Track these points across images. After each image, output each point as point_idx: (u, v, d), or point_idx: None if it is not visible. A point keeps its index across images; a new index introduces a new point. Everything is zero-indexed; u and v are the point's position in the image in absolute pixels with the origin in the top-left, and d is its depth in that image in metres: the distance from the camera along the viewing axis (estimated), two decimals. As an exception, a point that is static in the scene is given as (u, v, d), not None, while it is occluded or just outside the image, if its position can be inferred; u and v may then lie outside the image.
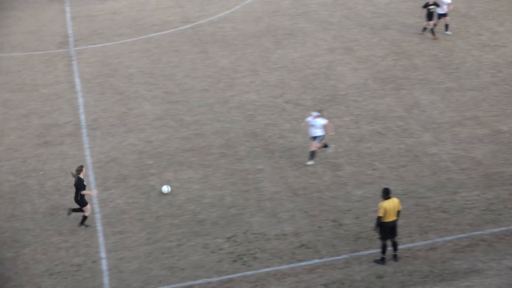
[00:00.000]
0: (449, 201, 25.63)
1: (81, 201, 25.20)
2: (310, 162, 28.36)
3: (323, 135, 28.15)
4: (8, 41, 43.37)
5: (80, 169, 25.17)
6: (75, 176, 25.12)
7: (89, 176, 28.56)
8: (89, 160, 29.81)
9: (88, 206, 25.49)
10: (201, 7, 47.34)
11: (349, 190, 26.67)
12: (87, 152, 30.48)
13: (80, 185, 24.95)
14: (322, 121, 27.95)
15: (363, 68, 36.57)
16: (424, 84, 34.40)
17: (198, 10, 46.80)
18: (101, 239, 25.00)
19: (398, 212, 22.56)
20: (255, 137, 30.77)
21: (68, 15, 47.55)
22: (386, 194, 22.42)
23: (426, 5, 39.02)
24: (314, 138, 28.11)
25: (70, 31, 44.34)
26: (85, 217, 25.54)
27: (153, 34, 43.07)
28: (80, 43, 42.28)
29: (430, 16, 39.11)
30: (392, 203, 22.34)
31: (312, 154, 28.32)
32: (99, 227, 25.59)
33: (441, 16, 39.61)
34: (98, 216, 26.16)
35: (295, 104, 33.39)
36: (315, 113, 28.10)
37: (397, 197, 23.29)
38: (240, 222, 25.38)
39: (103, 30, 44.31)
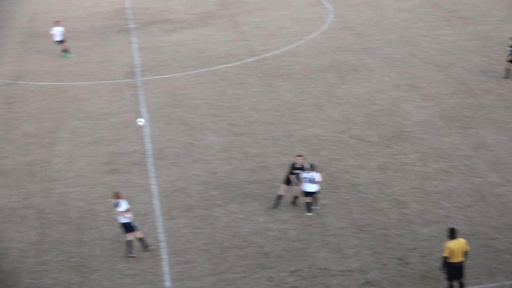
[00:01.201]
0: (518, 243, 25.37)
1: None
2: (309, 214, 27.93)
3: (317, 191, 27.97)
4: (77, 70, 44.28)
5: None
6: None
7: (155, 205, 28.91)
8: (155, 189, 30.16)
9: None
10: (265, 40, 47.78)
11: (415, 229, 26.52)
12: (153, 181, 30.86)
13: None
14: (316, 175, 27.76)
15: (429, 105, 36.46)
16: (491, 123, 34.15)
17: (263, 43, 47.23)
18: (166, 268, 25.23)
19: (465, 253, 22.38)
20: (320, 171, 30.72)
21: (135, 46, 48.39)
22: (452, 234, 22.28)
23: None
24: (307, 193, 27.83)
25: (137, 62, 45.10)
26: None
27: (219, 66, 43.58)
28: (146, 74, 42.97)
29: None
30: (458, 244, 22.18)
31: (308, 204, 27.92)
32: (165, 256, 25.83)
33: None
34: (163, 245, 26.41)
35: (360, 139, 33.41)
36: (307, 166, 27.91)
37: (464, 238, 23.11)
38: (304, 256, 25.40)
39: (169, 61, 44.97)
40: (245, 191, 29.73)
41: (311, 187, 27.59)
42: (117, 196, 25.95)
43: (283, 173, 30.44)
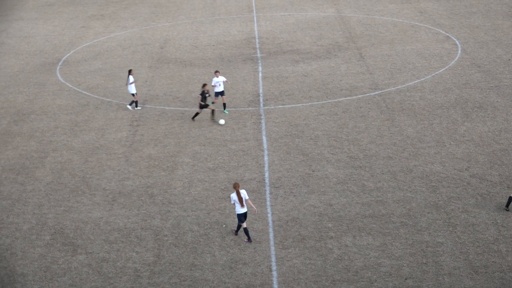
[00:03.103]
0: None
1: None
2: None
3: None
4: (202, 96, 45.24)
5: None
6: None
7: (269, 234, 29.09)
8: (270, 218, 30.36)
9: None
10: (390, 74, 47.51)
11: (533, 273, 25.72)
12: (269, 209, 31.08)
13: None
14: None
15: (555, 147, 35.40)
16: None
17: (388, 77, 46.98)
18: (276, 297, 25.36)
19: None
20: (438, 209, 30.30)
21: (260, 75, 49.04)
22: None
23: None
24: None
25: (261, 91, 45.67)
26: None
27: (341, 99, 43.59)
28: (269, 103, 43.44)
29: None
30: None
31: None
32: (275, 285, 25.91)
33: None
34: (274, 274, 26.51)
35: (481, 179, 32.67)
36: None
37: None
38: (416, 294, 25.02)
39: (293, 91, 45.33)
40: (359, 224, 29.54)
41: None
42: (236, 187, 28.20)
43: (399, 209, 30.16)
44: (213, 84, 41.72)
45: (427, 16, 62.92)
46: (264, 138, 38.35)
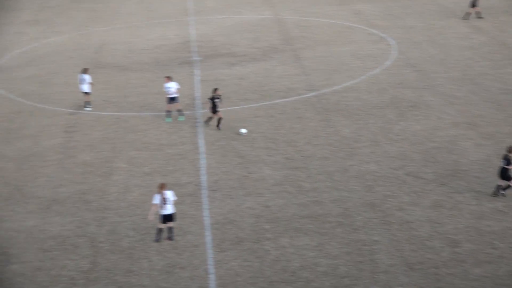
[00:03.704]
0: None
1: None
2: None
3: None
4: (138, 101, 44.92)
5: None
6: None
7: (206, 237, 28.98)
8: (207, 221, 30.24)
9: None
10: (326, 75, 47.81)
11: (467, 268, 26.01)
12: (206, 213, 30.96)
13: None
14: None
15: (487, 144, 35.92)
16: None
17: (323, 78, 47.26)
18: (213, 300, 25.28)
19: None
20: (373, 208, 30.54)
21: (196, 78, 48.89)
22: None
23: None
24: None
25: (197, 94, 45.52)
26: None
27: (278, 100, 43.71)
28: (206, 106, 43.21)
29: None
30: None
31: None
32: (212, 288, 25.90)
33: None
34: (212, 277, 26.40)
35: (415, 177, 33.04)
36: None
37: (517, 279, 22.63)
38: (353, 293, 25.17)
39: (229, 94, 45.28)
40: (296, 225, 29.60)
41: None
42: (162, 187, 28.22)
43: (335, 209, 30.33)
44: (169, 90, 41.09)
45: (362, 17, 63.54)
46: (201, 142, 38.22)
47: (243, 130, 38.74)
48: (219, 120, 39.45)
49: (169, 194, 28.40)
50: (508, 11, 62.68)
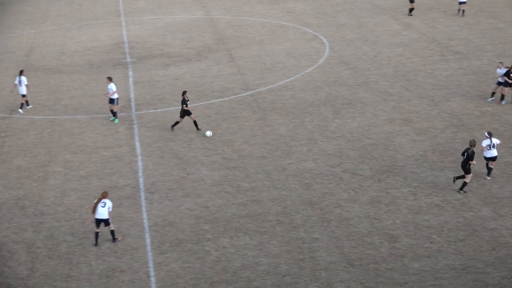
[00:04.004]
0: (509, 277, 25.13)
1: None
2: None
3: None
4: (72, 104, 44.33)
5: None
6: None
7: (146, 239, 28.76)
8: (146, 223, 30.01)
9: None
10: (261, 75, 47.90)
11: (406, 263, 26.33)
12: (145, 215, 30.73)
13: None
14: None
15: (422, 139, 36.44)
16: (483, 158, 34.03)
17: (259, 78, 47.34)
18: (155, 303, 25.08)
19: None
20: (312, 205, 30.71)
21: (131, 80, 48.49)
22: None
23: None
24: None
25: (132, 96, 45.15)
26: None
27: (214, 100, 43.62)
28: (141, 107, 43.01)
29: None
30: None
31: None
32: (154, 291, 25.70)
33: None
34: (153, 280, 26.21)
35: (352, 173, 33.32)
36: None
37: (455, 272, 22.92)
38: (294, 291, 25.25)
39: (164, 95, 45.03)
40: (236, 225, 29.59)
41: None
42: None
43: (274, 208, 30.39)
44: (111, 91, 40.66)
45: (294, 16, 63.84)
46: (137, 143, 37.92)
47: (208, 133, 38.18)
48: (194, 122, 38.97)
49: (108, 203, 28.15)
50: (437, 7, 63.67)
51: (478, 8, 62.77)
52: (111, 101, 40.61)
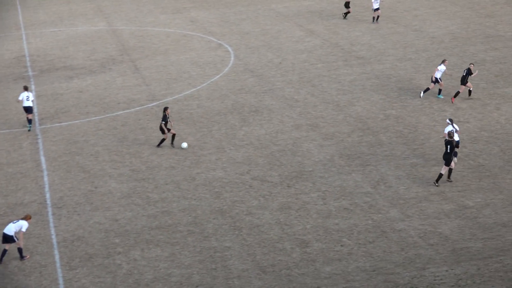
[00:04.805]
0: (418, 277, 25.60)
1: None
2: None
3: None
4: (-27, 120, 43.22)
5: None
6: None
7: (55, 256, 28.17)
8: (54, 240, 29.41)
9: None
10: (167, 85, 47.64)
11: (318, 267, 26.54)
12: (53, 231, 30.10)
13: None
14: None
15: (329, 144, 36.85)
16: (389, 160, 34.69)
17: (164, 88, 47.08)
18: (66, 320, 24.56)
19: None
20: (223, 214, 30.65)
21: (33, 93, 47.45)
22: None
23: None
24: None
25: (35, 110, 44.21)
26: None
27: (120, 112, 43.14)
28: (45, 122, 42.17)
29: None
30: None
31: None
32: (65, 308, 25.18)
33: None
34: (63, 296, 25.75)
35: (262, 180, 33.42)
36: None
37: (366, 274, 23.20)
38: (208, 301, 25.12)
39: (69, 108, 44.29)
40: (147, 237, 29.28)
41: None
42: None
43: (185, 218, 30.20)
44: (20, 98, 40.51)
45: (198, 25, 63.76)
46: (43, 158, 37.16)
47: (184, 145, 37.45)
48: (173, 136, 38.06)
49: (23, 224, 27.82)
50: (338, 14, 64.56)
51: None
52: (28, 109, 40.19)
